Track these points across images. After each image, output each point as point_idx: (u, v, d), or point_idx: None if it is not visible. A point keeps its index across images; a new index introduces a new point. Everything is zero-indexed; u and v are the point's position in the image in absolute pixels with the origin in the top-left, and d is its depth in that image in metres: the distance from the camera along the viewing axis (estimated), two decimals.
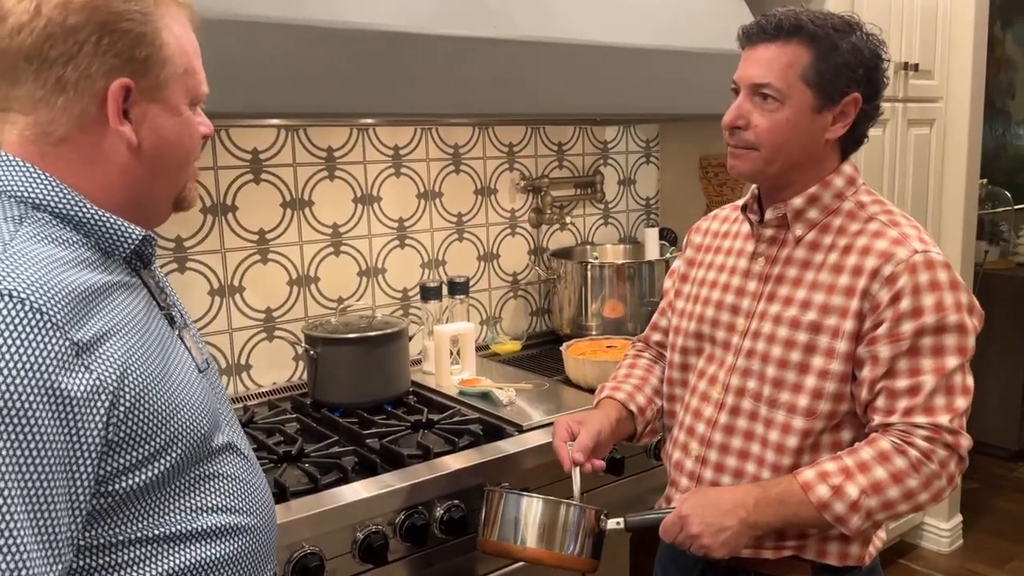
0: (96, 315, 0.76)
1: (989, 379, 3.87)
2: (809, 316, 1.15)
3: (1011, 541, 3.13)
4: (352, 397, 1.87)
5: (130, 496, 0.78)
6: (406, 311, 2.30)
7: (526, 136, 2.49)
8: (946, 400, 1.09)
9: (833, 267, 1.15)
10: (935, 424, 1.08)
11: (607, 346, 2.12)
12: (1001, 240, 4.25)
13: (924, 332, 1.09)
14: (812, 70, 1.11)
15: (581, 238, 2.69)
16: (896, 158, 2.67)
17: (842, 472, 1.09)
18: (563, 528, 1.19)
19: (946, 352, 1.10)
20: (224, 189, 1.97)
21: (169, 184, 0.90)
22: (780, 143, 1.14)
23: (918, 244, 1.12)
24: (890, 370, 1.10)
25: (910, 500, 1.10)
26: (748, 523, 1.11)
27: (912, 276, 1.09)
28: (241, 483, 0.92)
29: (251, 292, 2.04)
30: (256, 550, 0.92)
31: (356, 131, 2.16)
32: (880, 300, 1.10)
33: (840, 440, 1.17)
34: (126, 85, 0.81)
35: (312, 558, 1.37)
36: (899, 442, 1.09)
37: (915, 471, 1.08)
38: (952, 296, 1.10)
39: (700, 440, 1.27)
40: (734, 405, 1.23)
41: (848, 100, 1.13)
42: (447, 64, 1.67)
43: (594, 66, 1.90)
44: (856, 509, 1.09)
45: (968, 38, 2.75)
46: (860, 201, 1.20)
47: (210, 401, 0.90)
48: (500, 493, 1.24)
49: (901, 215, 1.19)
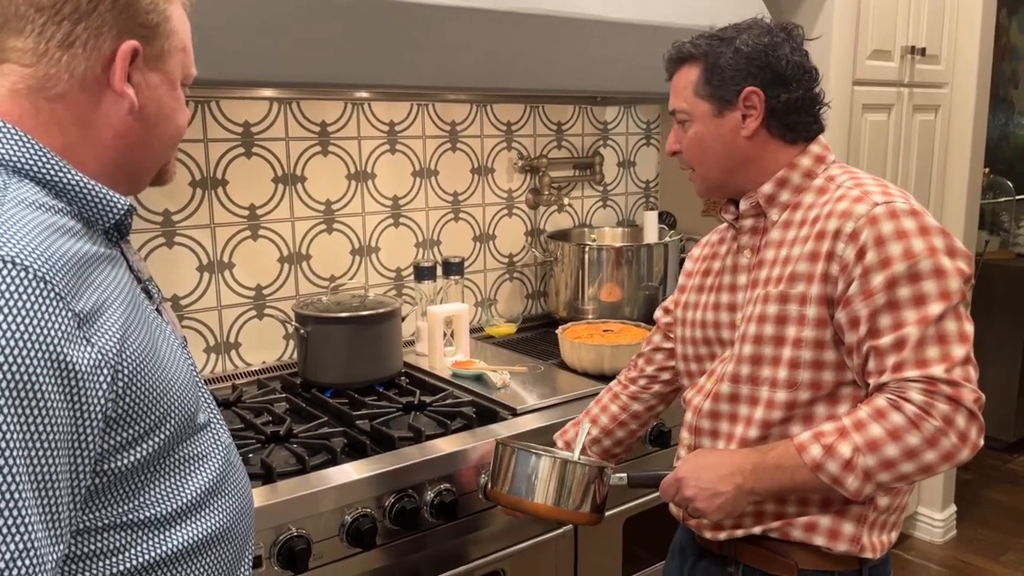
0: (91, 286, 0.73)
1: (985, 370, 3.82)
2: (779, 288, 1.14)
3: (1004, 533, 3.13)
4: (343, 377, 1.83)
5: (121, 476, 0.75)
6: (399, 291, 2.26)
7: (525, 115, 2.44)
8: (940, 350, 1.02)
9: (802, 239, 1.14)
10: (929, 376, 1.02)
11: (603, 330, 2.08)
12: (1002, 230, 4.23)
13: (897, 282, 1.04)
14: (702, 83, 1.18)
15: (579, 220, 2.65)
16: (900, 143, 2.63)
17: (837, 431, 1.06)
18: (570, 484, 1.23)
19: (928, 300, 1.03)
20: (214, 163, 1.92)
21: (158, 155, 0.88)
22: (702, 156, 1.21)
23: (879, 197, 1.10)
24: (872, 329, 1.05)
25: (914, 459, 1.02)
26: (745, 489, 1.09)
27: (874, 227, 1.06)
28: (222, 463, 0.89)
29: (241, 269, 1.99)
30: (237, 532, 0.90)
31: (351, 106, 2.11)
32: (847, 259, 1.07)
33: (836, 413, 1.13)
34: (135, 48, 0.79)
35: (298, 541, 1.34)
36: (894, 398, 1.03)
37: (915, 427, 1.01)
38: (922, 241, 1.05)
39: (690, 429, 1.27)
40: (715, 391, 1.22)
41: (745, 95, 1.17)
42: (444, 36, 1.63)
43: (595, 41, 1.85)
44: (850, 468, 1.04)
45: (976, 23, 2.71)
46: (830, 175, 1.19)
47: (193, 378, 0.87)
48: (512, 449, 1.28)
49: (870, 177, 1.17)
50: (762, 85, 1.16)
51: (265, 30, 1.43)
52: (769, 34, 1.18)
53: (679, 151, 1.25)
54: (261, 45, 1.43)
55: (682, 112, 1.22)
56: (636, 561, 1.90)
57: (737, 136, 1.18)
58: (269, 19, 1.43)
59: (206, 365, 1.98)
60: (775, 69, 1.16)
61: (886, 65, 2.51)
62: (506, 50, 1.73)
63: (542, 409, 1.74)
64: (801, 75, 1.18)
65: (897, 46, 2.53)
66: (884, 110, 2.55)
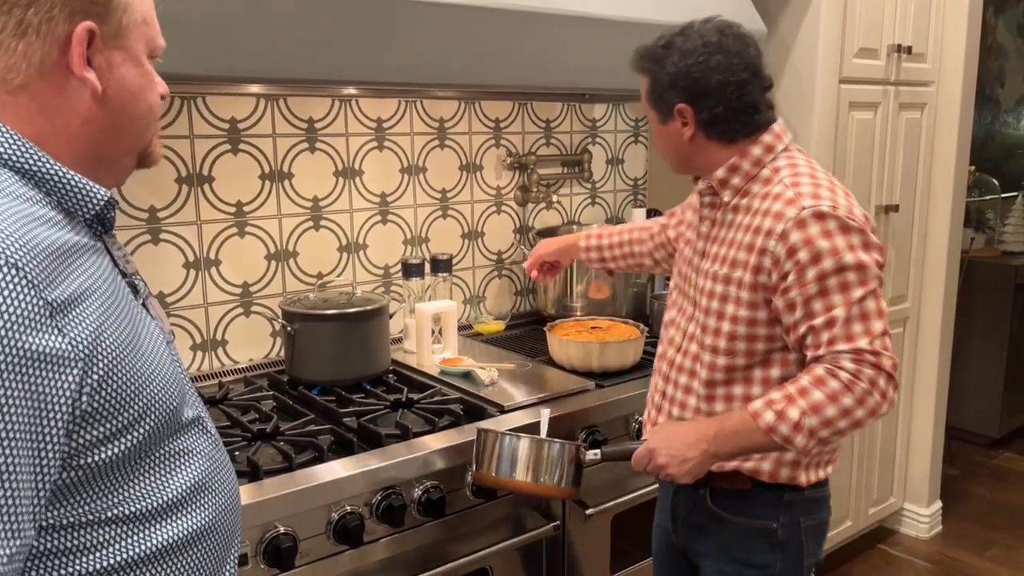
0: (70, 276, 0.72)
1: (970, 367, 3.88)
2: (723, 270, 1.34)
3: (990, 528, 3.15)
4: (330, 375, 1.83)
5: (100, 471, 0.74)
6: (387, 288, 2.26)
7: (513, 112, 2.44)
8: (863, 326, 1.23)
9: (745, 227, 1.33)
10: (856, 348, 1.22)
11: (592, 327, 2.09)
12: (987, 228, 4.25)
13: (826, 275, 1.23)
14: (650, 94, 1.38)
15: (567, 217, 2.65)
16: (887, 141, 2.64)
17: (785, 398, 1.24)
18: (548, 462, 1.39)
19: (851, 287, 1.23)
20: (200, 159, 1.91)
21: (134, 139, 0.85)
22: (661, 152, 1.44)
23: (808, 201, 1.26)
24: (807, 312, 1.25)
25: (848, 417, 1.22)
26: (709, 453, 1.27)
27: (802, 230, 1.24)
28: (208, 460, 0.88)
29: (227, 266, 1.98)
30: (222, 529, 0.89)
31: (338, 102, 2.10)
32: (778, 255, 1.26)
33: (769, 376, 1.34)
34: (90, 29, 0.77)
35: (285, 539, 1.33)
36: (830, 367, 1.23)
37: (848, 390, 1.22)
38: (844, 239, 1.24)
39: (663, 377, 1.48)
40: (686, 348, 1.43)
41: (678, 109, 1.34)
42: (432, 32, 1.62)
43: (584, 39, 1.85)
44: (799, 429, 1.22)
45: (962, 22, 2.72)
46: (775, 167, 1.34)
47: (178, 372, 0.86)
48: (495, 434, 1.42)
49: (807, 174, 1.32)
50: (690, 101, 1.32)
51: (252, 26, 1.42)
52: (696, 53, 1.30)
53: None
54: (248, 41, 1.43)
55: (644, 113, 1.43)
56: (624, 557, 1.90)
57: (681, 140, 1.37)
58: (256, 15, 1.42)
59: (192, 363, 1.97)
60: (701, 87, 1.31)
61: (872, 63, 2.52)
62: (494, 47, 1.73)
63: (530, 406, 1.74)
64: (725, 89, 1.31)
65: (883, 44, 2.54)
66: (870, 108, 2.56)
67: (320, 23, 1.49)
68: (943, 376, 2.98)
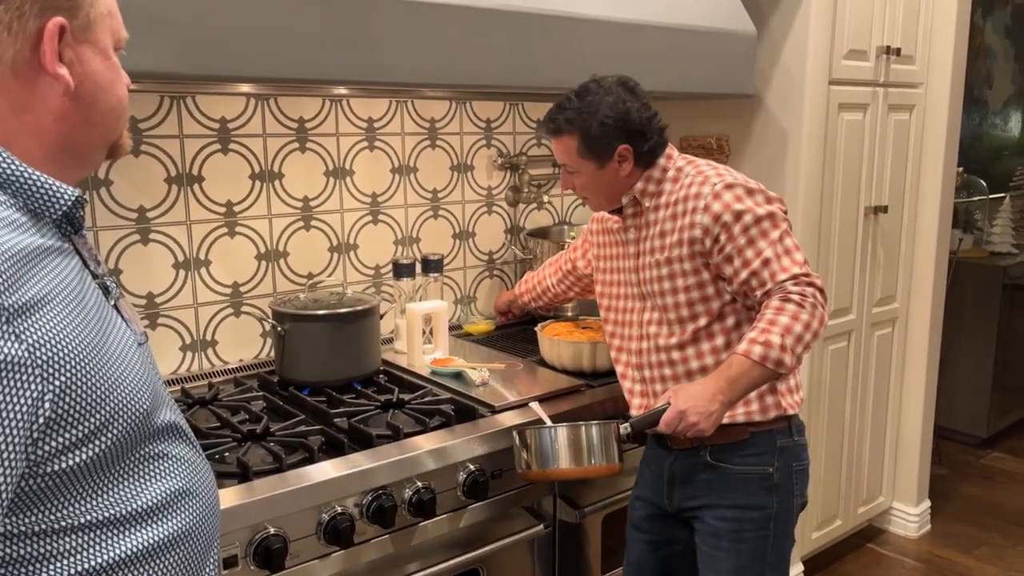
0: (31, 280, 0.70)
1: (959, 367, 3.91)
2: (664, 255, 1.57)
3: (978, 527, 3.17)
4: (321, 375, 1.82)
5: (69, 478, 0.73)
6: (378, 288, 2.25)
7: (504, 112, 2.44)
8: (789, 259, 1.49)
9: (670, 216, 1.57)
10: (793, 275, 1.48)
11: (582, 327, 2.09)
12: (975, 229, 4.28)
13: (748, 227, 1.49)
14: (583, 148, 1.54)
15: (558, 218, 2.65)
16: (876, 143, 2.66)
17: (762, 332, 1.45)
18: (588, 446, 1.49)
19: (768, 232, 1.49)
20: (190, 159, 1.90)
21: (105, 132, 0.84)
22: (593, 193, 1.62)
23: (716, 179, 1.53)
24: (743, 260, 1.49)
25: (809, 329, 1.46)
26: (725, 402, 1.44)
27: (718, 199, 1.50)
28: (185, 464, 0.87)
29: (217, 266, 1.98)
30: (201, 534, 0.88)
31: (328, 102, 2.09)
32: (705, 223, 1.51)
33: (726, 326, 1.56)
34: (61, 24, 0.76)
35: (275, 539, 1.33)
36: (782, 295, 1.47)
37: (802, 308, 1.45)
38: (751, 199, 1.51)
39: (636, 367, 1.67)
40: (648, 332, 1.63)
41: (619, 151, 1.54)
42: (423, 32, 1.62)
43: (575, 39, 1.85)
44: (784, 350, 1.43)
45: (950, 24, 2.74)
46: (679, 167, 1.60)
47: (150, 376, 0.84)
48: (532, 430, 1.50)
49: (705, 163, 1.59)
50: (628, 141, 1.53)
51: (242, 25, 1.42)
52: (621, 100, 1.52)
53: (574, 188, 1.63)
54: (238, 40, 1.42)
55: (571, 167, 1.59)
56: (614, 557, 1.91)
57: (617, 177, 1.57)
58: (246, 14, 1.42)
59: (182, 363, 1.96)
60: (634, 127, 1.53)
61: (862, 65, 2.53)
62: (485, 47, 1.73)
63: (521, 406, 1.74)
64: (651, 123, 1.55)
65: (872, 46, 2.55)
66: (860, 109, 2.57)
67: (310, 23, 1.49)
68: (931, 376, 3.00)
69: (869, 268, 2.74)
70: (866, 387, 2.85)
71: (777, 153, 2.45)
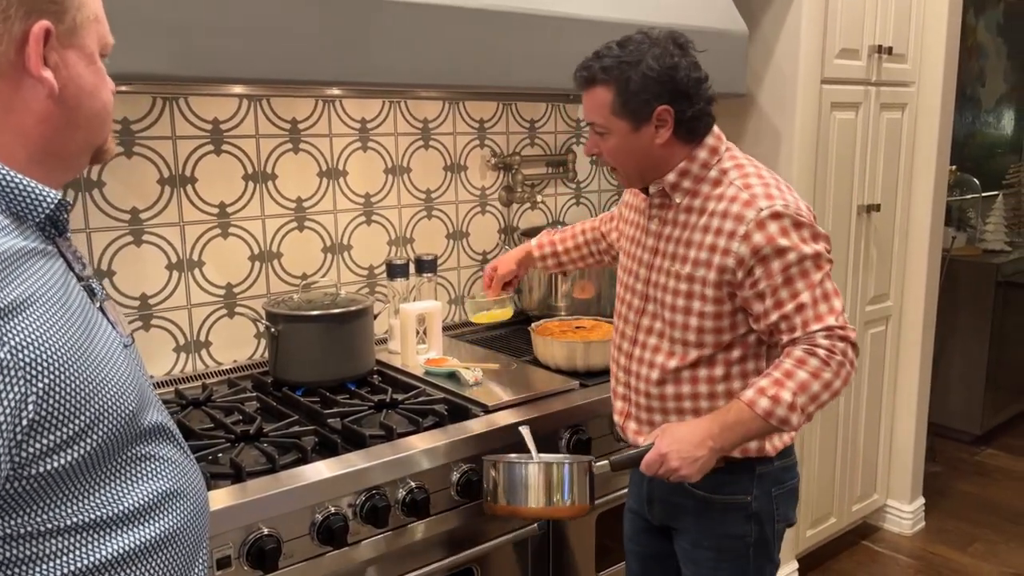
0: (13, 282, 0.70)
1: (952, 364, 3.92)
2: (686, 269, 1.42)
3: (972, 524, 3.18)
4: (314, 376, 1.82)
5: (56, 480, 0.72)
6: (372, 289, 2.26)
7: (497, 112, 2.44)
8: (826, 306, 1.35)
9: (702, 228, 1.40)
10: (827, 326, 1.33)
11: (576, 327, 2.09)
12: (968, 227, 4.29)
13: (789, 266, 1.34)
14: (618, 105, 1.36)
15: (552, 217, 2.65)
16: (868, 142, 2.66)
17: (774, 384, 1.32)
18: (559, 484, 1.41)
19: (810, 273, 1.34)
20: (183, 160, 1.90)
21: (89, 136, 0.84)
22: (622, 161, 1.43)
23: (763, 202, 1.35)
24: (776, 301, 1.35)
25: (829, 389, 1.33)
26: (715, 449, 1.33)
27: (763, 230, 1.34)
28: (173, 466, 0.87)
29: (211, 267, 1.98)
30: (188, 536, 0.88)
31: (322, 103, 2.10)
32: (742, 254, 1.35)
33: (730, 357, 1.43)
34: (47, 28, 0.76)
35: (268, 540, 1.33)
36: (808, 347, 1.33)
37: (826, 365, 1.32)
38: (798, 234, 1.34)
39: (623, 370, 1.55)
40: (643, 341, 1.50)
41: (658, 112, 1.36)
42: (416, 32, 1.63)
43: (568, 39, 1.86)
44: (793, 409, 1.31)
45: (942, 23, 2.75)
46: (723, 168, 1.42)
47: (136, 377, 0.84)
48: (500, 462, 1.43)
49: (755, 175, 1.41)
50: (670, 102, 1.35)
51: (235, 26, 1.42)
52: (669, 54, 1.35)
53: (599, 153, 1.45)
54: (230, 41, 1.42)
55: (600, 126, 1.41)
56: (609, 556, 1.91)
57: (652, 145, 1.39)
58: (239, 15, 1.42)
59: (176, 364, 1.96)
60: (680, 88, 1.35)
61: (854, 64, 2.54)
62: (479, 47, 1.73)
63: (515, 406, 1.74)
64: (700, 87, 1.38)
65: (864, 45, 2.56)
66: (852, 108, 2.58)
67: (303, 24, 1.49)
68: (925, 373, 3.01)
69: (862, 266, 2.75)
70: (860, 385, 2.86)
71: (770, 152, 2.46)
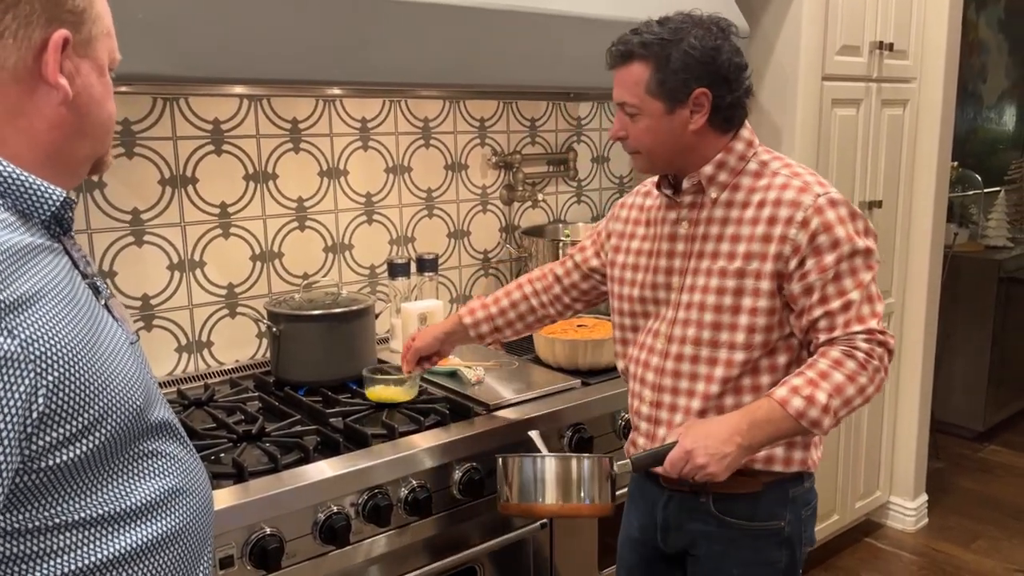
0: (22, 277, 0.71)
1: (955, 361, 3.91)
2: (735, 264, 1.33)
3: (975, 520, 3.18)
4: (316, 375, 1.83)
5: (64, 474, 0.73)
6: (373, 288, 2.26)
7: (498, 111, 2.44)
8: (870, 308, 1.30)
9: (750, 220, 1.33)
10: (868, 329, 1.29)
11: (577, 325, 2.09)
12: (970, 223, 4.29)
13: (842, 259, 1.28)
14: (654, 83, 1.29)
15: (553, 216, 2.65)
16: (869, 138, 2.66)
17: (809, 384, 1.26)
18: (578, 481, 1.32)
19: (859, 271, 1.29)
20: (183, 160, 1.91)
21: (94, 145, 0.86)
22: (650, 145, 1.34)
23: (819, 188, 1.31)
24: (823, 296, 1.29)
25: (863, 394, 1.29)
26: (744, 446, 1.25)
27: (821, 216, 1.28)
28: (179, 463, 0.88)
29: (212, 267, 1.98)
30: (194, 533, 0.88)
31: (322, 102, 2.10)
32: (799, 241, 1.29)
33: (776, 363, 1.35)
34: (66, 37, 0.78)
35: (271, 539, 1.33)
36: (847, 348, 1.28)
37: (863, 369, 1.27)
38: (853, 226, 1.30)
39: (652, 387, 1.42)
40: (678, 352, 1.39)
41: (696, 95, 1.29)
42: (417, 31, 1.62)
43: (569, 37, 1.86)
44: (827, 411, 1.26)
45: (943, 19, 2.74)
46: (762, 160, 1.37)
47: (143, 374, 0.85)
48: (514, 458, 1.34)
49: (799, 166, 1.37)
50: (709, 86, 1.29)
51: (235, 26, 1.42)
52: (712, 36, 1.29)
53: (625, 137, 1.36)
54: (231, 42, 1.42)
55: (632, 106, 1.32)
56: (611, 555, 1.91)
57: (684, 130, 1.32)
58: (239, 15, 1.42)
59: (178, 364, 1.96)
60: (721, 72, 1.29)
61: (855, 60, 2.54)
62: (479, 46, 1.73)
63: (517, 405, 1.74)
64: (740, 74, 1.32)
65: (865, 41, 2.55)
66: (853, 105, 2.58)
67: (304, 23, 1.49)
68: (928, 370, 3.01)
69: None
70: None
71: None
